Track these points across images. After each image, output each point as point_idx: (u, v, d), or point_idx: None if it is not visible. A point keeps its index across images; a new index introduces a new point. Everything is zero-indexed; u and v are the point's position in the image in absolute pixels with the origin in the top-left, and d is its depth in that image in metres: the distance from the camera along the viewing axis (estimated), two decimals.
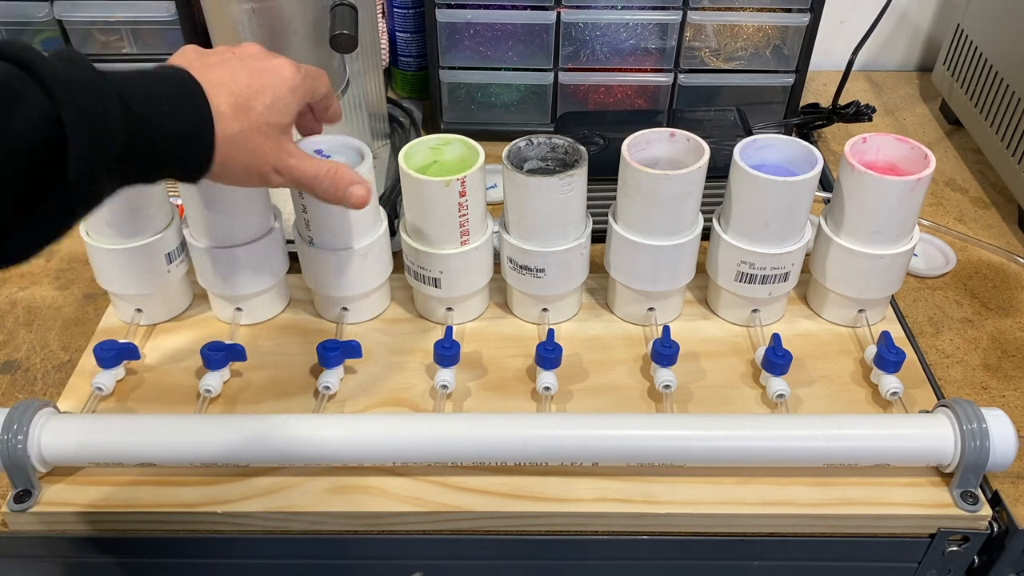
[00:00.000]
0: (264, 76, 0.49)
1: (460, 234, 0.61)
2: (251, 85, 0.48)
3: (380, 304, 0.68)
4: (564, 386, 0.61)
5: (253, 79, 0.48)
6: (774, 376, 0.59)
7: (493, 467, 0.55)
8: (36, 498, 0.54)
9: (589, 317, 0.68)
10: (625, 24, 0.85)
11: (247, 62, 0.49)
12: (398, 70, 0.99)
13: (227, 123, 0.46)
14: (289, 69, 0.50)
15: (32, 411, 0.53)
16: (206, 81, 0.46)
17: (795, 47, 0.86)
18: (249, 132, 0.47)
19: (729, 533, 0.55)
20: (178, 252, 0.64)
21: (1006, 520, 0.54)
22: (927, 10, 1.06)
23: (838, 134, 0.94)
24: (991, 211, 0.83)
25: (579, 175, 0.59)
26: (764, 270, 0.62)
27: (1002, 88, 0.81)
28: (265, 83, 0.49)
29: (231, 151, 0.47)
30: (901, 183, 0.58)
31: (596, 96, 0.90)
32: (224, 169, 0.47)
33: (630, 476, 0.55)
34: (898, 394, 0.59)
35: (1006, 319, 0.70)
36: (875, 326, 0.66)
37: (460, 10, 0.83)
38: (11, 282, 0.74)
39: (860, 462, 0.54)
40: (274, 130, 0.49)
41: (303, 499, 0.54)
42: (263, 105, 0.48)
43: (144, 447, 0.53)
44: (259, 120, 0.48)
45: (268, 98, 0.48)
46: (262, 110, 0.48)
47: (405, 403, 0.61)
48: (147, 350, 0.64)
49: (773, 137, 0.62)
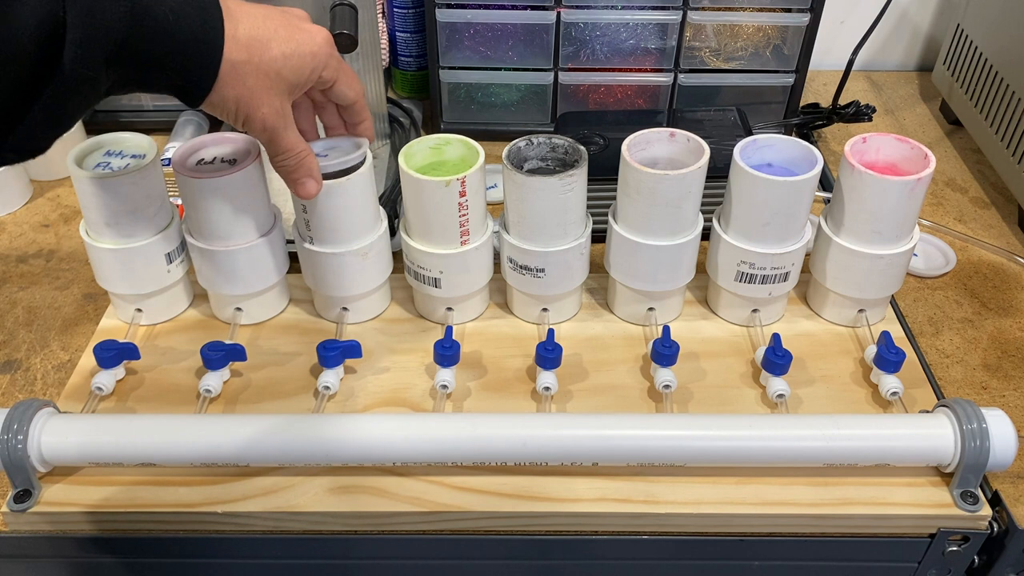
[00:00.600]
0: (295, 30, 0.49)
1: (460, 234, 0.61)
2: (278, 31, 0.48)
3: (380, 304, 0.68)
4: (564, 386, 0.61)
5: (282, 27, 0.49)
6: (774, 376, 0.59)
7: (493, 467, 0.55)
8: (36, 498, 0.54)
9: (589, 317, 0.68)
10: (625, 24, 0.85)
11: (287, 15, 0.50)
12: (398, 70, 0.99)
13: (237, 49, 0.46)
14: (322, 38, 0.51)
15: (32, 411, 0.53)
16: (235, 9, 0.46)
17: (795, 47, 0.86)
18: (255, 69, 0.47)
19: (729, 533, 0.55)
20: (178, 252, 0.64)
21: (1006, 520, 0.54)
22: (927, 10, 1.06)
23: (838, 134, 0.94)
24: (991, 211, 0.83)
25: (579, 175, 0.59)
26: (764, 270, 0.62)
27: (1002, 88, 0.81)
28: (292, 36, 0.49)
29: (230, 77, 0.46)
30: (901, 183, 0.58)
31: (596, 96, 0.90)
32: (217, 94, 0.47)
33: (630, 476, 0.55)
34: (898, 394, 0.59)
35: (1006, 319, 0.70)
36: (875, 326, 0.66)
37: (460, 10, 0.83)
38: (11, 282, 0.74)
39: (860, 462, 0.54)
40: (280, 82, 0.49)
41: (303, 499, 0.54)
42: (280, 52, 0.48)
43: (144, 447, 0.53)
44: (270, 63, 0.48)
45: (288, 48, 0.48)
46: (277, 55, 0.48)
47: (405, 403, 0.61)
48: (147, 350, 0.64)
49: (773, 137, 0.62)
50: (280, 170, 0.54)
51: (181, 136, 0.87)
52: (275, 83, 0.49)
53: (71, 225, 0.81)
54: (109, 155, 0.61)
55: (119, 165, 0.59)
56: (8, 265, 0.76)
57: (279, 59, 0.48)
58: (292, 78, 0.50)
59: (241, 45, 0.46)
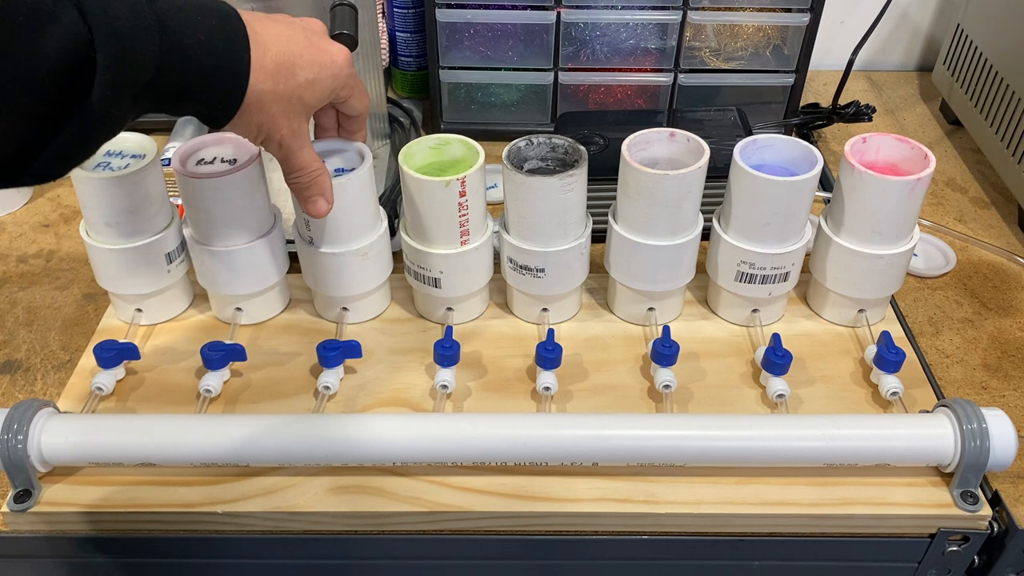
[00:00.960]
0: (317, 52, 0.49)
1: (460, 234, 0.61)
2: (303, 55, 0.48)
3: (380, 304, 0.68)
4: (564, 386, 0.61)
5: (307, 51, 0.48)
6: (774, 376, 0.59)
7: (493, 467, 0.55)
8: (36, 498, 0.54)
9: (589, 317, 0.68)
10: (625, 24, 0.85)
11: (309, 34, 0.50)
12: (398, 70, 0.99)
13: (264, 77, 0.46)
14: (343, 58, 0.51)
15: (32, 411, 0.53)
16: (262, 33, 0.46)
17: (795, 47, 0.86)
18: (279, 96, 0.47)
19: (729, 533, 0.55)
20: (178, 252, 0.64)
21: (1006, 520, 0.54)
22: (927, 10, 1.06)
23: (838, 134, 0.94)
24: (991, 211, 0.83)
25: (579, 175, 0.59)
26: (764, 270, 0.62)
27: (1002, 88, 0.81)
28: (316, 59, 0.49)
29: (255, 105, 0.46)
30: (901, 183, 0.58)
31: (596, 96, 0.90)
32: (240, 119, 0.47)
33: (630, 476, 0.55)
34: (898, 394, 0.59)
35: (1006, 319, 0.70)
36: (875, 326, 0.66)
37: (460, 10, 0.83)
38: (11, 282, 0.74)
39: (860, 462, 0.54)
40: (302, 106, 0.49)
41: (303, 499, 0.54)
42: (305, 78, 0.48)
43: (144, 447, 0.53)
44: (294, 90, 0.48)
45: (312, 73, 0.48)
46: (302, 82, 0.48)
47: (405, 403, 0.61)
48: (147, 350, 0.64)
49: (773, 137, 0.62)
50: (293, 187, 0.54)
51: (181, 136, 0.87)
52: (296, 107, 0.49)
53: (71, 225, 0.81)
54: (109, 155, 0.61)
55: (119, 165, 0.59)
56: (8, 265, 0.76)
57: (303, 85, 0.48)
58: (313, 101, 0.50)
59: (268, 74, 0.46)
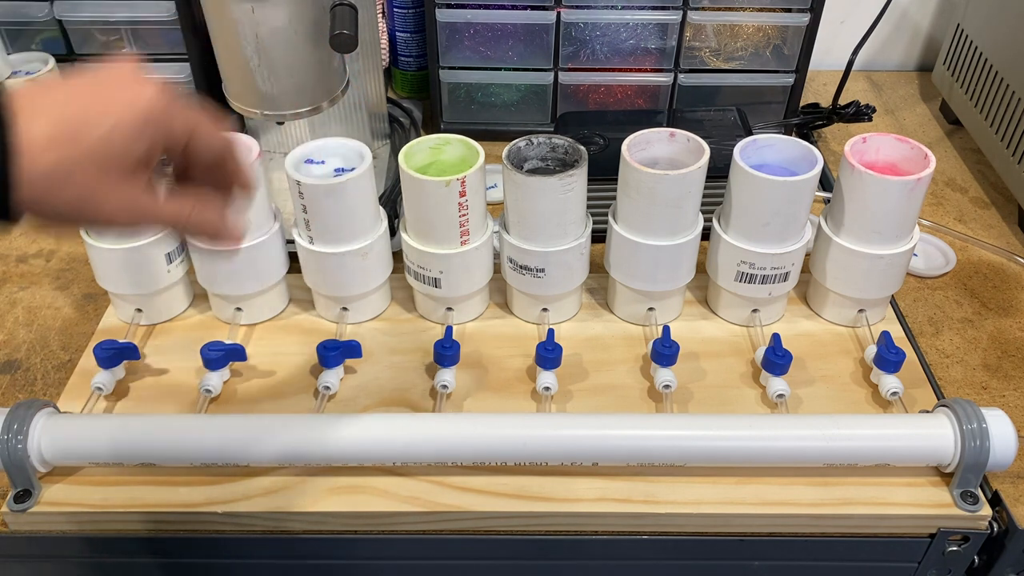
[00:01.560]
0: (111, 100, 0.41)
1: (460, 234, 0.61)
2: (89, 109, 0.40)
3: (380, 304, 0.68)
4: (564, 386, 0.61)
5: (94, 103, 0.40)
6: (774, 376, 0.59)
7: (493, 467, 0.55)
8: (36, 498, 0.54)
9: (589, 317, 0.68)
10: (625, 24, 0.85)
11: (98, 84, 0.42)
12: (398, 70, 0.99)
13: (41, 154, 0.38)
14: (149, 95, 0.41)
15: (32, 411, 0.53)
16: (30, 105, 0.39)
17: (795, 47, 0.86)
18: (75, 164, 0.39)
19: (729, 533, 0.55)
20: (178, 252, 0.64)
21: (1006, 520, 0.54)
22: (927, 10, 1.06)
23: (838, 134, 0.94)
24: (991, 211, 0.83)
25: (579, 175, 0.59)
26: (764, 270, 0.62)
27: (1002, 88, 0.81)
28: (109, 109, 0.40)
29: (46, 185, 0.38)
30: (901, 183, 0.58)
31: (596, 96, 0.90)
32: (44, 208, 0.39)
33: (630, 476, 0.55)
34: (898, 394, 0.59)
35: (1006, 319, 0.70)
36: (875, 326, 0.66)
37: (460, 10, 0.83)
38: (11, 282, 0.74)
39: (860, 462, 0.54)
40: (116, 162, 0.40)
41: (303, 499, 0.54)
42: (97, 135, 0.40)
43: (144, 447, 0.53)
44: (90, 150, 0.39)
45: (106, 126, 0.40)
46: (96, 139, 0.40)
47: (405, 403, 0.61)
48: (147, 350, 0.64)
49: (773, 137, 0.62)
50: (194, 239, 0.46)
51: None
52: (111, 167, 0.40)
53: None
54: None
55: None
56: (8, 265, 0.76)
57: (100, 142, 0.40)
58: (127, 152, 0.41)
59: (43, 148, 0.38)
